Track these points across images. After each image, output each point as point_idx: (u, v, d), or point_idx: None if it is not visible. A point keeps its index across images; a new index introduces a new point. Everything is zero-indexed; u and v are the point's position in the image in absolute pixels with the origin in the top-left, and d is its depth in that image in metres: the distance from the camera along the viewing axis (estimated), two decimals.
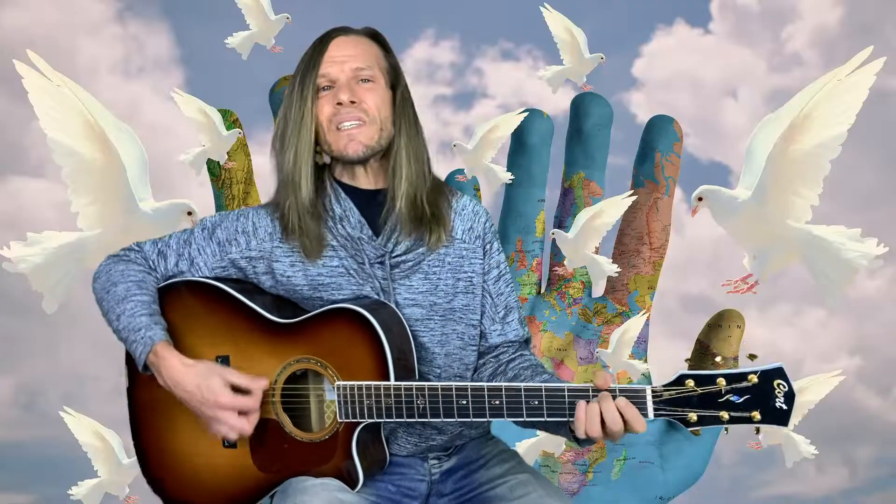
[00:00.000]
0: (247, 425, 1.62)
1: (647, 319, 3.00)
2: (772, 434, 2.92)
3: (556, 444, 2.91)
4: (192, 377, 1.63)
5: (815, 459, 2.97)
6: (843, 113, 2.64)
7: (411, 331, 1.69)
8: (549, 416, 1.53)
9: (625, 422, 1.49)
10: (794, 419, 2.91)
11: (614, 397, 1.49)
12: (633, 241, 3.05)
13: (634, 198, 2.96)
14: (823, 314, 4.44)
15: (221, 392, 1.61)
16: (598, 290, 3.12)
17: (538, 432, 2.89)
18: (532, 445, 2.89)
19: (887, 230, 2.95)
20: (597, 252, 2.97)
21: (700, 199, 2.82)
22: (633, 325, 2.89)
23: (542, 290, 3.13)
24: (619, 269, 3.00)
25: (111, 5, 4.37)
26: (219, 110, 2.99)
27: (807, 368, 3.76)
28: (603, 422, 1.49)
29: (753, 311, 3.08)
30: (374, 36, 1.79)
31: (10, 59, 2.66)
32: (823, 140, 2.67)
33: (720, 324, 2.93)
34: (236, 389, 1.63)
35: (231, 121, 3.05)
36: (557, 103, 3.26)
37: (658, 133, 3.03)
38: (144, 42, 4.48)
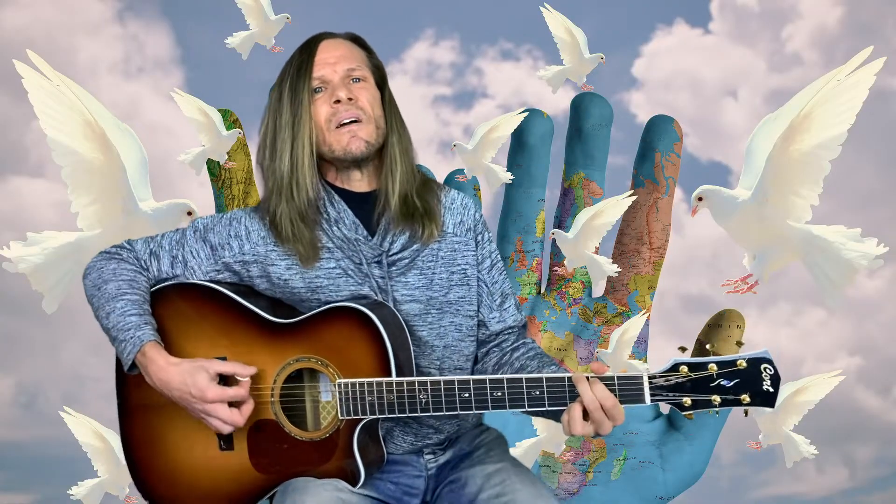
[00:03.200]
0: (238, 416, 1.62)
1: (647, 319, 3.00)
2: (772, 434, 2.92)
3: (556, 444, 2.91)
4: (178, 375, 1.62)
5: (815, 459, 2.97)
6: (843, 113, 2.64)
7: (410, 326, 1.70)
8: (550, 405, 1.58)
9: (605, 409, 1.54)
10: (795, 419, 2.91)
11: (610, 385, 1.55)
12: (633, 241, 3.05)
13: (634, 198, 2.96)
14: (823, 314, 4.44)
15: (208, 386, 1.61)
16: (598, 290, 3.12)
17: (538, 431, 2.89)
18: (532, 445, 2.89)
19: (887, 230, 2.96)
20: (597, 252, 2.96)
21: (700, 199, 2.82)
22: (633, 325, 2.89)
23: (542, 290, 3.13)
24: (619, 269, 3.00)
25: (111, 5, 4.37)
26: (219, 110, 2.99)
27: (807, 368, 3.77)
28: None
29: (753, 311, 3.08)
30: (356, 39, 1.83)
31: (10, 59, 2.66)
32: (823, 140, 2.67)
33: (720, 324, 2.93)
34: (225, 380, 1.63)
35: (231, 121, 3.05)
36: (557, 103, 3.27)
37: (658, 133, 3.03)
38: (144, 42, 4.48)
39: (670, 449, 2.94)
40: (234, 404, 1.63)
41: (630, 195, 2.95)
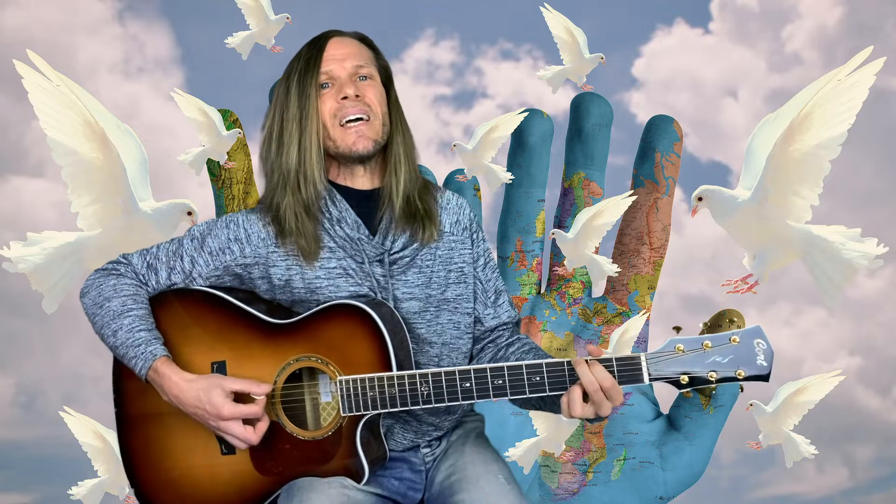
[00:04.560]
0: (252, 434, 1.63)
1: (647, 319, 3.00)
2: (772, 434, 2.92)
3: (555, 444, 2.91)
4: (192, 392, 1.63)
5: (815, 459, 2.97)
6: (843, 113, 2.64)
7: (409, 324, 1.72)
8: (551, 390, 1.60)
9: (604, 390, 1.57)
10: (795, 419, 2.91)
11: (609, 367, 1.58)
12: (633, 241, 3.05)
13: (634, 198, 2.96)
14: (823, 314, 4.45)
15: (223, 404, 1.61)
16: (598, 290, 3.12)
17: (538, 431, 2.89)
18: (532, 445, 2.89)
19: (887, 230, 2.96)
20: (597, 252, 2.97)
21: (700, 199, 2.82)
22: (633, 325, 2.88)
23: (542, 290, 3.13)
24: (619, 269, 3.00)
25: (111, 5, 4.37)
26: (219, 110, 2.99)
27: (807, 368, 3.77)
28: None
29: (753, 311, 3.08)
30: (364, 39, 1.84)
31: (10, 59, 2.66)
32: (823, 140, 2.66)
33: (720, 324, 2.93)
34: (239, 398, 1.64)
35: (231, 121, 3.05)
36: (557, 103, 3.27)
37: (658, 133, 3.03)
38: (144, 42, 4.49)
39: (670, 449, 2.94)
40: (249, 421, 1.64)
41: (630, 195, 2.95)
